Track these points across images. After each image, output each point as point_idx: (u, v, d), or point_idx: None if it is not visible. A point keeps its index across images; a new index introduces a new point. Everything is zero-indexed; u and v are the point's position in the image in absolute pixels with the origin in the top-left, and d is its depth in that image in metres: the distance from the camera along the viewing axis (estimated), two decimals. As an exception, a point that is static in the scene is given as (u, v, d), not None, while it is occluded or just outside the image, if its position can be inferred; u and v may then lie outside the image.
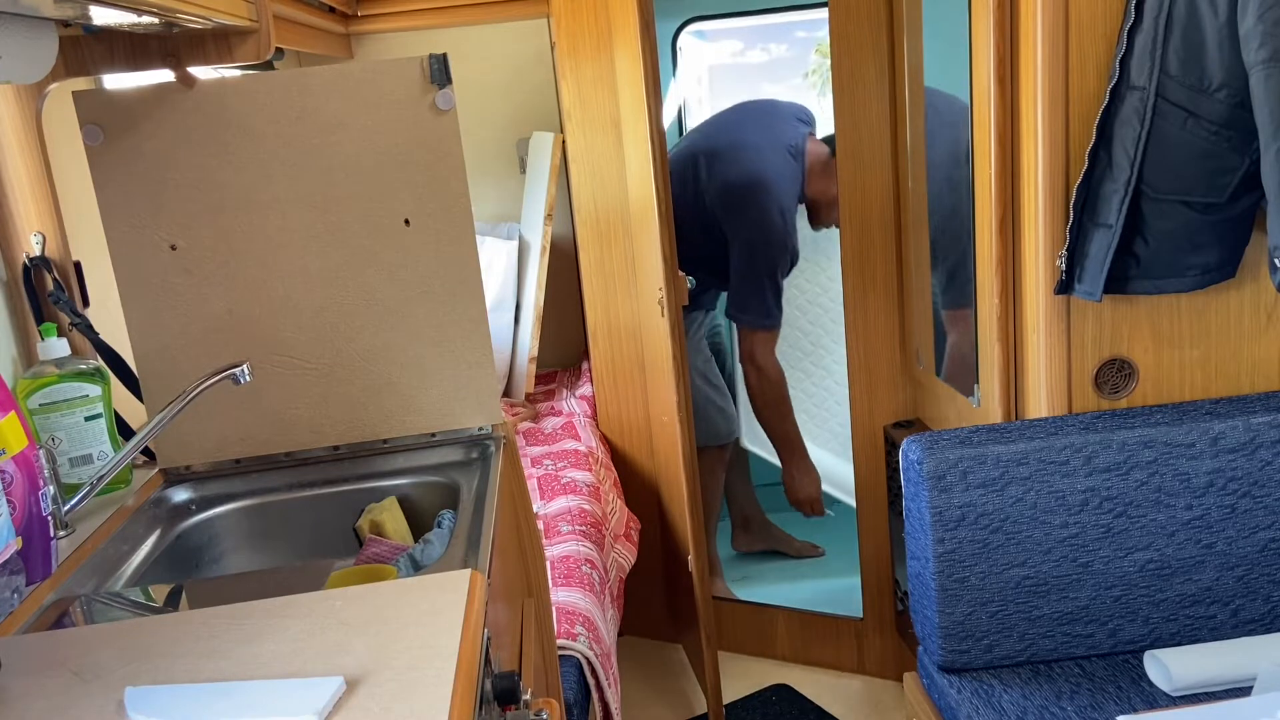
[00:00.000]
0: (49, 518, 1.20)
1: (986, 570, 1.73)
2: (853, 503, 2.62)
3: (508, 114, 3.28)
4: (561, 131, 2.88)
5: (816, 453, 3.47)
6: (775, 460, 3.42)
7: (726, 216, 2.78)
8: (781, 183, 2.75)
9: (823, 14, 2.34)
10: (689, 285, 2.36)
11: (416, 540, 1.43)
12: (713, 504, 3.09)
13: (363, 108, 1.57)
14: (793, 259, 2.82)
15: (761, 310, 2.81)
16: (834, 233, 2.97)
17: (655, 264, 2.31)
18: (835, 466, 3.32)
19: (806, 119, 2.87)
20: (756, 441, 3.50)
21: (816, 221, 2.89)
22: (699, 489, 2.43)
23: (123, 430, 1.65)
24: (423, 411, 1.67)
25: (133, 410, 1.70)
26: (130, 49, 1.55)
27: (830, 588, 3.03)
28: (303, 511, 1.60)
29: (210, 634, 1.05)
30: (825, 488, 3.33)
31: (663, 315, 2.31)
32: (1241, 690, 1.59)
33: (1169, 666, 1.66)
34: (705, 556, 2.47)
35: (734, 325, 2.98)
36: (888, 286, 2.40)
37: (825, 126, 2.41)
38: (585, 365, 3.12)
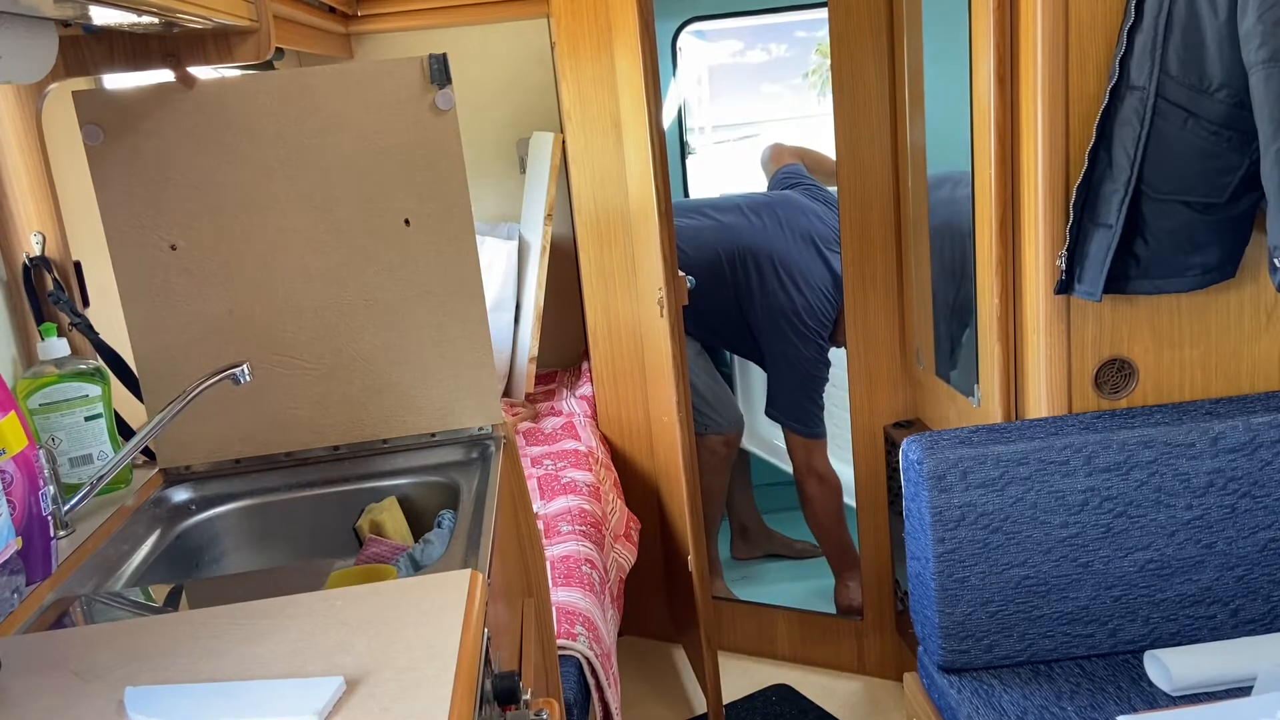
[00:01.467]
0: (49, 518, 1.20)
1: (986, 570, 1.73)
2: (853, 503, 2.63)
3: (508, 114, 3.28)
4: (561, 131, 2.88)
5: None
6: (774, 460, 3.42)
7: (770, 334, 2.90)
8: (827, 313, 2.87)
9: (823, 14, 2.34)
10: (689, 285, 2.36)
11: (416, 540, 1.43)
12: (716, 501, 3.08)
13: (363, 108, 1.57)
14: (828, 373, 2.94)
15: (813, 422, 2.93)
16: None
17: (655, 264, 2.31)
18: (838, 469, 3.32)
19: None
20: (756, 443, 3.49)
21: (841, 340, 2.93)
22: (699, 489, 2.43)
23: (123, 430, 1.65)
24: (423, 411, 1.67)
25: (133, 410, 1.70)
26: (130, 49, 1.55)
27: (830, 588, 3.03)
28: (303, 511, 1.60)
29: (210, 634, 1.05)
30: None
31: (662, 315, 2.31)
32: (1241, 690, 1.59)
33: (1169, 666, 1.66)
34: (705, 556, 2.47)
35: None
36: (888, 286, 2.40)
37: (826, 126, 2.41)
38: (585, 365, 3.12)
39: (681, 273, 2.32)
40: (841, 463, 3.29)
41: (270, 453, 1.66)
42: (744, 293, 2.89)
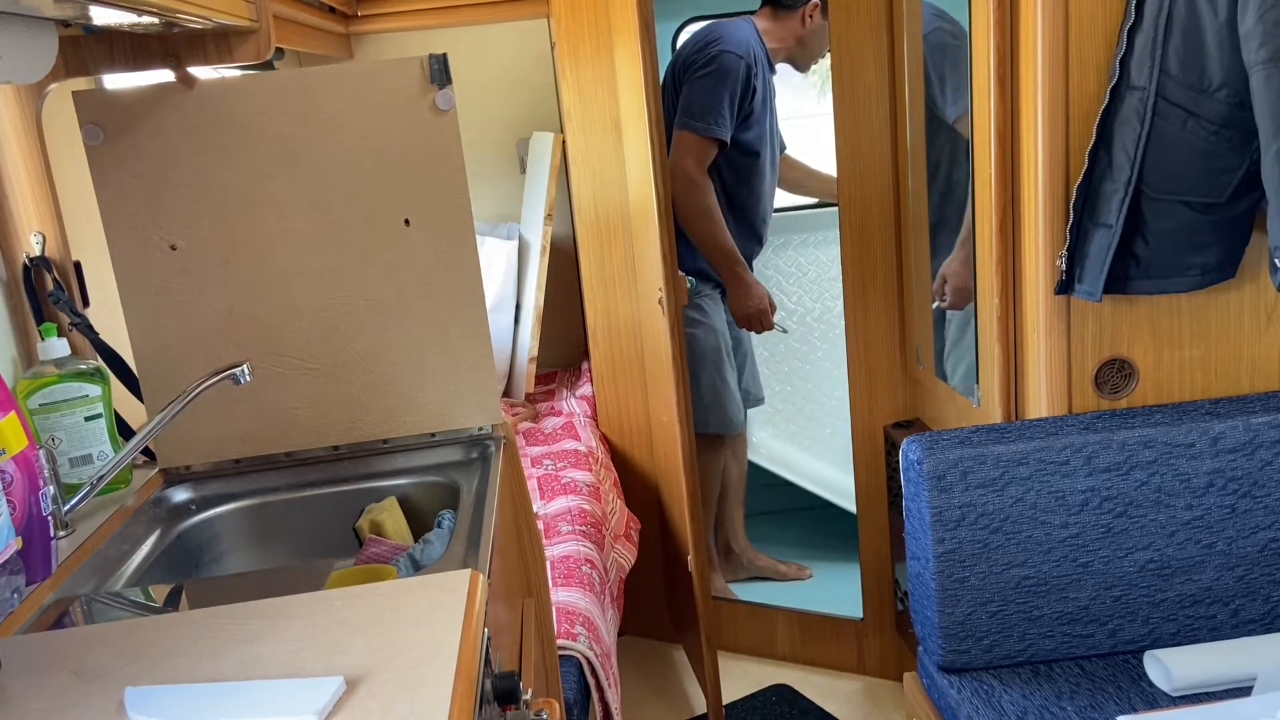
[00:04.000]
0: (49, 518, 1.20)
1: (986, 570, 1.73)
2: (852, 507, 2.62)
3: (508, 114, 3.28)
4: (561, 131, 2.88)
5: (811, 461, 3.45)
6: (777, 469, 3.38)
7: (686, 72, 2.77)
8: (734, 31, 2.76)
9: (823, 14, 2.34)
10: (689, 285, 2.35)
11: (416, 540, 1.43)
12: (707, 500, 3.05)
13: (363, 108, 1.57)
14: (751, 92, 2.75)
15: (709, 113, 2.69)
16: (832, 236, 2.98)
17: (655, 264, 2.31)
18: (830, 473, 3.31)
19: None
20: (756, 452, 3.44)
21: (801, 62, 2.88)
22: (699, 489, 2.43)
23: (123, 430, 1.65)
24: (423, 411, 1.67)
25: (133, 410, 1.70)
26: (130, 49, 1.55)
27: (830, 587, 3.03)
28: (303, 511, 1.60)
29: (210, 634, 1.05)
30: (822, 493, 3.32)
31: (663, 315, 2.31)
32: (1241, 690, 1.59)
33: (1169, 666, 1.66)
34: (705, 556, 2.47)
35: None
36: (887, 286, 2.40)
37: (826, 126, 2.41)
38: (585, 365, 3.12)
39: (681, 273, 2.32)
40: (835, 468, 3.29)
41: (270, 453, 1.66)
42: (675, 75, 2.84)
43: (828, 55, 2.39)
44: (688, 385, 2.35)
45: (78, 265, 1.75)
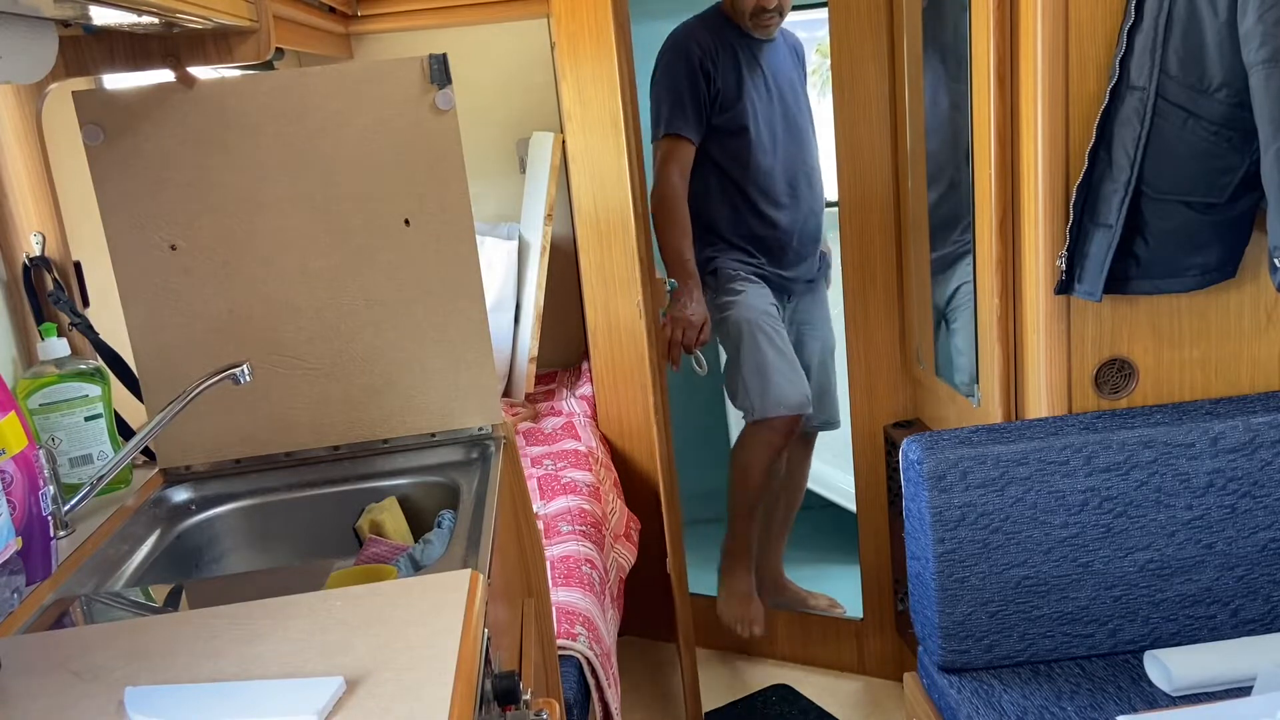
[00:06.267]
0: (49, 518, 1.20)
1: (986, 570, 1.73)
2: (852, 506, 2.62)
3: (508, 114, 3.28)
4: (561, 131, 2.88)
5: (811, 460, 3.44)
6: (832, 494, 3.33)
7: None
8: (681, 27, 2.72)
9: (823, 14, 2.34)
10: (667, 289, 2.34)
11: (416, 540, 1.43)
12: (755, 478, 2.77)
13: (363, 108, 1.57)
14: (707, 75, 2.68)
15: (657, 115, 2.68)
16: (832, 236, 2.96)
17: (632, 270, 2.29)
18: (830, 473, 3.31)
19: None
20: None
21: (742, 20, 2.74)
22: (677, 491, 2.41)
23: (123, 430, 1.65)
24: (423, 411, 1.67)
25: (133, 410, 1.70)
26: (130, 49, 1.55)
27: (830, 587, 3.03)
28: (303, 511, 1.60)
29: (210, 634, 1.05)
30: (822, 492, 3.32)
31: (640, 318, 2.30)
32: (1241, 690, 1.59)
33: (1169, 666, 1.66)
34: (684, 559, 2.44)
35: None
36: (888, 286, 2.40)
37: (825, 126, 2.41)
38: (585, 365, 3.12)
39: (660, 276, 2.31)
40: (833, 468, 3.27)
41: (270, 453, 1.66)
42: None
43: (828, 56, 2.39)
44: (665, 390, 2.33)
45: (78, 265, 1.75)
